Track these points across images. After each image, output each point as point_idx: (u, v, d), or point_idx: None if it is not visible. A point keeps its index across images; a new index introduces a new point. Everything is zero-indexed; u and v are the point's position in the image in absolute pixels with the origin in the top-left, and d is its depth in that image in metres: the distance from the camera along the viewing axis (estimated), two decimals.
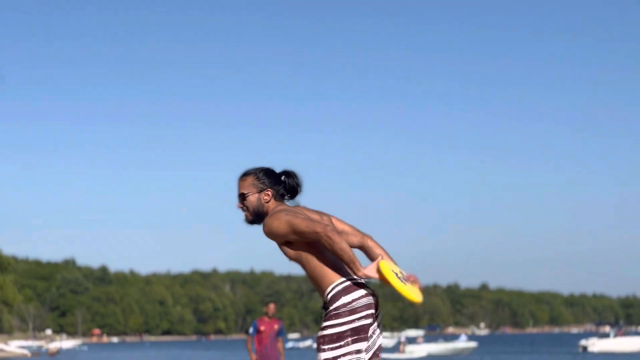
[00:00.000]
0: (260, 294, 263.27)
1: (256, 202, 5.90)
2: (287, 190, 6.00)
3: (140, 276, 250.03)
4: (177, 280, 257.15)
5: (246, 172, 6.01)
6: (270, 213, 5.83)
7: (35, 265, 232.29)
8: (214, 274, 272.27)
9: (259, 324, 17.03)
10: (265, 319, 17.05)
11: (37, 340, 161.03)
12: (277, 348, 16.99)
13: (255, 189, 5.92)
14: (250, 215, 5.92)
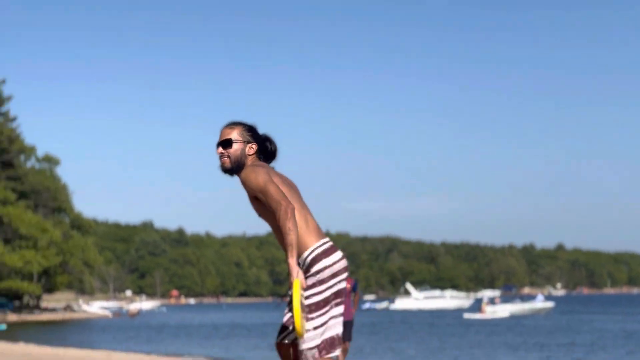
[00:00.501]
0: None
1: (240, 152, 5.91)
2: (268, 153, 6.07)
3: (216, 238, 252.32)
4: (253, 242, 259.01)
5: (235, 121, 6.00)
6: (252, 164, 5.90)
7: (114, 227, 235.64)
8: None
9: None
10: None
11: (117, 301, 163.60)
12: (349, 304, 17.25)
13: (242, 140, 5.93)
14: (230, 164, 5.91)
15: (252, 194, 5.79)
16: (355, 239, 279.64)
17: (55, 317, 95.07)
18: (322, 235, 5.88)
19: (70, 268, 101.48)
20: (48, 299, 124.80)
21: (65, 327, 71.39)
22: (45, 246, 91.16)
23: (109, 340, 46.41)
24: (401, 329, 55.74)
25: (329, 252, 5.82)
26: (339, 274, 5.80)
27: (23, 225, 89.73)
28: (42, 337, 47.66)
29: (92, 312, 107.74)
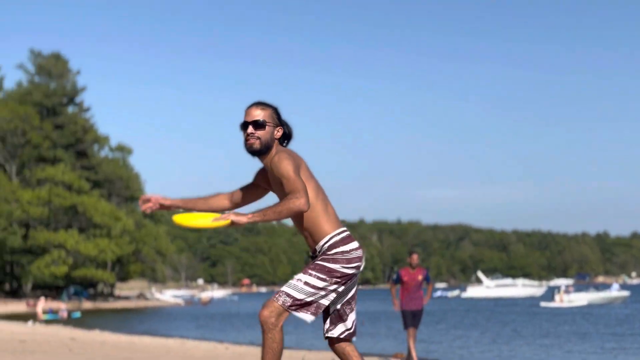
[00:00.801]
0: (407, 244, 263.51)
1: (269, 135, 5.88)
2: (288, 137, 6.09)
3: (287, 227, 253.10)
4: None
5: (264, 102, 5.99)
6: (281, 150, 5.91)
7: None
8: (360, 224, 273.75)
9: (402, 274, 17.24)
10: (408, 270, 17.20)
11: (189, 289, 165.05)
12: (421, 295, 17.20)
13: (273, 123, 5.93)
14: (260, 145, 5.87)
15: (278, 179, 5.80)
16: (426, 227, 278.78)
17: (128, 305, 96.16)
18: (340, 224, 5.92)
19: (143, 256, 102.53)
20: (121, 287, 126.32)
21: (138, 315, 72.17)
22: (118, 235, 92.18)
23: (182, 328, 46.79)
24: (473, 317, 55.42)
25: (346, 240, 5.86)
26: (352, 262, 5.85)
27: (97, 214, 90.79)
28: (116, 325, 48.21)
29: (164, 301, 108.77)
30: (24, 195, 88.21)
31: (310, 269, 5.75)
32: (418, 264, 17.22)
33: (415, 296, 17.06)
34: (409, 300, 17.04)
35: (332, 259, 5.78)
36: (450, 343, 30.91)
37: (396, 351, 23.34)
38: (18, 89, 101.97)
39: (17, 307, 78.36)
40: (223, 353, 19.41)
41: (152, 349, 20.87)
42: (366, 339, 33.90)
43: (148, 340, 27.34)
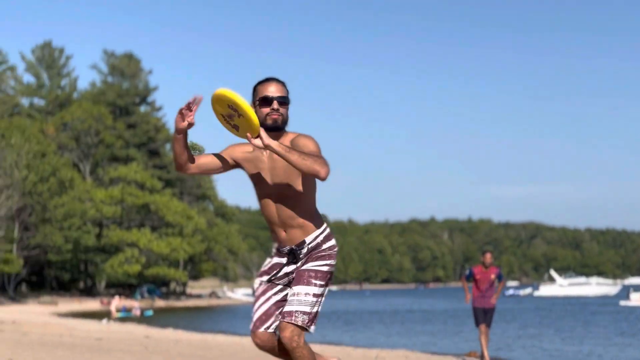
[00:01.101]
0: (478, 242, 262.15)
1: (288, 113, 5.72)
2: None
3: (358, 225, 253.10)
4: (396, 228, 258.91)
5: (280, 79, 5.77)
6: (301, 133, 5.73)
7: (257, 215, 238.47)
8: (432, 222, 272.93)
9: (475, 272, 17.19)
10: (481, 268, 17.14)
11: None
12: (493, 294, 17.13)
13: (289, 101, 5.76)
14: (282, 122, 5.65)
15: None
16: (498, 224, 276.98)
17: (200, 303, 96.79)
18: None
19: (215, 255, 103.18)
20: (193, 285, 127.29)
21: (210, 313, 72.61)
22: (190, 233, 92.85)
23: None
24: (547, 315, 54.89)
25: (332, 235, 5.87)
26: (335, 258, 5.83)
27: (169, 213, 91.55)
28: (188, 323, 48.56)
29: (236, 299, 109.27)
30: (98, 194, 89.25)
31: (311, 277, 5.65)
32: (491, 263, 17.15)
33: (487, 294, 17.02)
34: (481, 298, 17.01)
35: (328, 255, 5.73)
36: (523, 342, 30.64)
37: (470, 349, 23.21)
38: (92, 89, 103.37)
39: (92, 305, 79.31)
40: None
41: (225, 347, 20.98)
42: (439, 338, 33.75)
43: (221, 338, 27.50)
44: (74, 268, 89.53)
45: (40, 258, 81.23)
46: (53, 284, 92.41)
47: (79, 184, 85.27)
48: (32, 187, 76.52)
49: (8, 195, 62.99)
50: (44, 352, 14.53)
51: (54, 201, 78.67)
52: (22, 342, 18.26)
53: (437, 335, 35.47)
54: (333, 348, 23.03)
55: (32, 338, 21.63)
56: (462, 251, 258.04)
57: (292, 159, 5.38)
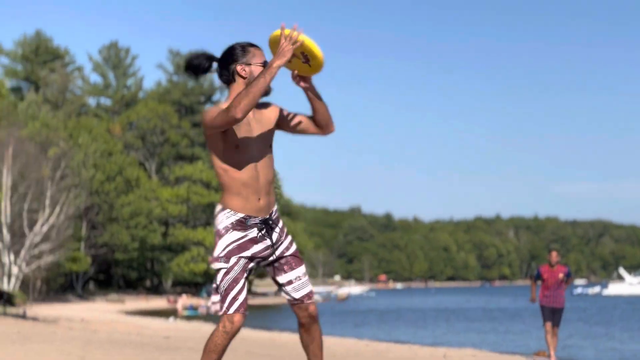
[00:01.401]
0: (544, 240, 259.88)
1: None
2: None
3: (423, 223, 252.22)
4: (461, 226, 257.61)
5: None
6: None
7: (323, 213, 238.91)
8: (497, 220, 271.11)
9: (542, 271, 17.02)
10: (548, 267, 16.96)
11: (326, 286, 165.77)
12: (562, 294, 16.94)
13: None
14: None
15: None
16: (565, 222, 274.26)
17: (266, 301, 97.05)
18: None
19: None
20: (259, 284, 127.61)
21: (277, 311, 72.78)
22: None
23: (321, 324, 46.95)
24: (616, 314, 54.24)
25: None
26: None
27: None
28: (255, 322, 48.73)
29: None
30: (163, 193, 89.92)
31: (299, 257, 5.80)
32: (558, 262, 16.94)
33: (556, 294, 16.82)
34: (549, 297, 16.82)
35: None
36: (593, 342, 30.29)
37: (538, 349, 22.97)
38: (157, 88, 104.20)
39: (158, 303, 79.95)
40: (364, 350, 19.40)
41: (292, 345, 20.99)
42: (507, 336, 33.48)
43: (288, 336, 27.52)
44: (140, 266, 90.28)
45: (108, 256, 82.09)
46: (120, 282, 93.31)
47: (144, 182, 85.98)
48: (99, 186, 77.37)
49: (76, 194, 63.64)
50: (114, 350, 14.63)
51: (120, 200, 79.46)
52: (93, 341, 18.41)
53: (505, 334, 35.20)
54: (400, 347, 22.94)
55: (101, 336, 21.81)
56: (529, 249, 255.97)
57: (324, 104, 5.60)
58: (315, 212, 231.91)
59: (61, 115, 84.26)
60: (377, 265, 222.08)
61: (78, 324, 32.10)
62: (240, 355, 15.18)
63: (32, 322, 29.81)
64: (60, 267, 68.68)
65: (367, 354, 17.40)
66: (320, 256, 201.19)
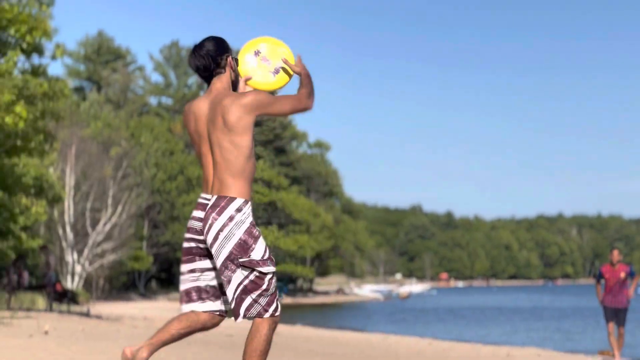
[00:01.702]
0: (608, 238, 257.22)
1: None
2: None
3: (485, 221, 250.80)
4: (522, 224, 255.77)
5: None
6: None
7: (383, 211, 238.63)
8: (559, 218, 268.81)
9: (603, 271, 16.82)
10: (609, 267, 16.75)
11: (387, 284, 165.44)
12: (625, 293, 16.70)
13: None
14: None
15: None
16: (629, 221, 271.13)
17: (327, 300, 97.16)
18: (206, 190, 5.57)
19: (342, 252, 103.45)
20: (320, 282, 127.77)
21: (338, 309, 72.78)
22: (317, 230, 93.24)
23: (382, 323, 46.87)
24: None
25: (197, 206, 5.55)
26: (189, 231, 5.55)
27: (296, 210, 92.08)
28: (316, 320, 48.73)
29: (363, 295, 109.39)
30: None
31: None
32: (619, 260, 16.71)
33: (618, 293, 16.59)
34: (611, 297, 16.62)
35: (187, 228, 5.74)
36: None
37: (602, 348, 22.69)
38: None
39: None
40: (426, 348, 19.28)
41: (355, 343, 20.93)
42: (572, 336, 33.14)
43: (350, 335, 27.48)
44: None
45: (169, 255, 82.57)
46: None
47: None
48: (161, 185, 77.90)
49: (138, 193, 64.17)
50: (178, 348, 14.68)
51: (181, 199, 79.92)
52: None
53: (568, 333, 34.84)
54: (462, 345, 22.79)
55: None
56: (592, 247, 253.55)
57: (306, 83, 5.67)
58: (377, 211, 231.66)
59: (123, 115, 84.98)
60: (438, 264, 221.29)
61: (141, 322, 32.30)
62: (302, 353, 15.17)
63: (96, 320, 30.04)
64: (123, 265, 69.21)
65: (429, 353, 17.30)
66: (381, 254, 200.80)
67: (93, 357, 12.12)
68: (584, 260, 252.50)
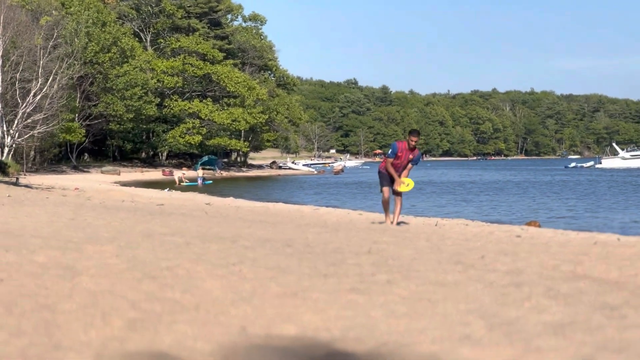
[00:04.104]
0: (540, 115, 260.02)
1: None
2: None
3: (420, 96, 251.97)
4: (457, 100, 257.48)
5: None
6: None
7: (319, 86, 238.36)
8: (494, 94, 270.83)
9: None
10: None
11: (322, 159, 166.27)
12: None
13: None
14: None
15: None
16: (560, 97, 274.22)
17: (262, 173, 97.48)
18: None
19: (276, 125, 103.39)
20: (255, 157, 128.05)
21: (272, 182, 73.09)
22: (252, 104, 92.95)
23: (314, 196, 47.20)
24: (595, 187, 54.45)
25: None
26: None
27: (231, 83, 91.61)
28: (250, 194, 48.95)
29: (297, 169, 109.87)
30: (159, 64, 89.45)
31: None
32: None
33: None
34: None
35: None
36: (557, 212, 30.56)
37: (528, 219, 23.13)
38: None
39: (154, 175, 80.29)
40: (357, 219, 19.46)
41: (286, 213, 21.07)
42: (499, 209, 33.62)
43: (282, 206, 27.63)
44: (135, 138, 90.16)
45: (103, 127, 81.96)
46: (116, 154, 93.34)
47: (140, 54, 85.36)
48: (93, 56, 76.75)
49: (69, 64, 63.10)
50: (106, 214, 14.67)
51: (115, 71, 78.99)
52: (85, 205, 18.45)
53: (497, 206, 35.39)
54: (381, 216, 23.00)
55: (94, 202, 21.88)
56: (524, 124, 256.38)
57: None
58: (312, 85, 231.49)
59: None
60: (372, 139, 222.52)
61: (72, 192, 32.19)
62: (232, 220, 15.23)
63: (25, 189, 29.84)
64: (54, 137, 68.63)
65: (359, 222, 17.47)
66: (316, 129, 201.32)
67: (19, 220, 12.05)
68: (517, 137, 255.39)
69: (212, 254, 7.54)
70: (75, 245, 7.61)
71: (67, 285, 5.41)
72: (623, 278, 7.21)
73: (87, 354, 3.82)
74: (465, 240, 11.52)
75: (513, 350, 4.26)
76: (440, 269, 7.40)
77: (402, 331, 4.63)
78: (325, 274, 6.72)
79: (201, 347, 4.03)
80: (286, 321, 4.75)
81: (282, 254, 8.03)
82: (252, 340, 4.22)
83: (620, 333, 4.70)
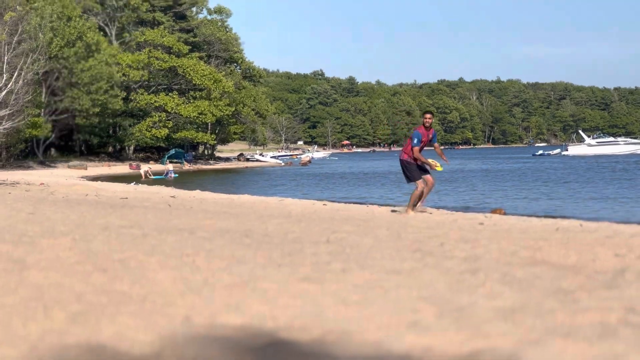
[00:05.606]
0: (507, 103, 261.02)
1: None
2: None
3: (387, 87, 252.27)
4: (424, 90, 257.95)
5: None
6: None
7: (285, 77, 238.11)
8: (460, 83, 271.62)
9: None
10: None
11: (289, 151, 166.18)
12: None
13: None
14: None
15: None
16: (526, 85, 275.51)
17: (229, 166, 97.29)
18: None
19: (243, 118, 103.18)
20: (223, 149, 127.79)
21: (239, 174, 72.98)
22: (218, 97, 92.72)
23: (281, 188, 47.16)
24: (563, 174, 54.72)
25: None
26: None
27: (196, 76, 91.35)
28: (216, 186, 48.85)
29: (265, 161, 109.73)
30: (124, 58, 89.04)
31: None
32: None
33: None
34: None
35: None
36: (521, 200, 30.71)
37: (493, 207, 23.20)
38: None
39: (121, 169, 79.95)
40: (321, 209, 19.46)
41: (250, 204, 21.03)
42: (464, 197, 33.73)
43: (247, 197, 27.57)
44: (102, 132, 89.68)
45: (69, 122, 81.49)
46: (82, 149, 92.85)
47: (105, 48, 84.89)
48: (58, 51, 76.28)
49: (34, 59, 62.68)
50: (66, 208, 14.56)
51: (80, 65, 78.50)
52: (47, 200, 18.33)
53: (462, 194, 35.48)
54: (356, 206, 23.04)
55: (57, 197, 21.73)
56: (491, 112, 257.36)
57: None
58: (278, 77, 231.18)
59: None
60: (340, 131, 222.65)
61: (36, 187, 31.99)
62: (195, 212, 15.18)
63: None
64: (20, 133, 68.14)
65: (323, 212, 17.47)
66: (283, 121, 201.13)
67: None
68: (484, 126, 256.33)
69: (167, 246, 7.50)
70: (30, 239, 7.56)
71: (14, 279, 5.36)
72: (580, 263, 7.24)
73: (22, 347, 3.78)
74: (427, 228, 11.55)
75: (460, 336, 4.25)
76: (398, 257, 7.40)
77: (350, 319, 4.62)
78: (280, 264, 6.70)
79: (142, 338, 4.00)
80: (233, 311, 4.72)
81: (239, 244, 8.01)
82: (195, 330, 4.19)
83: (570, 317, 4.71)
